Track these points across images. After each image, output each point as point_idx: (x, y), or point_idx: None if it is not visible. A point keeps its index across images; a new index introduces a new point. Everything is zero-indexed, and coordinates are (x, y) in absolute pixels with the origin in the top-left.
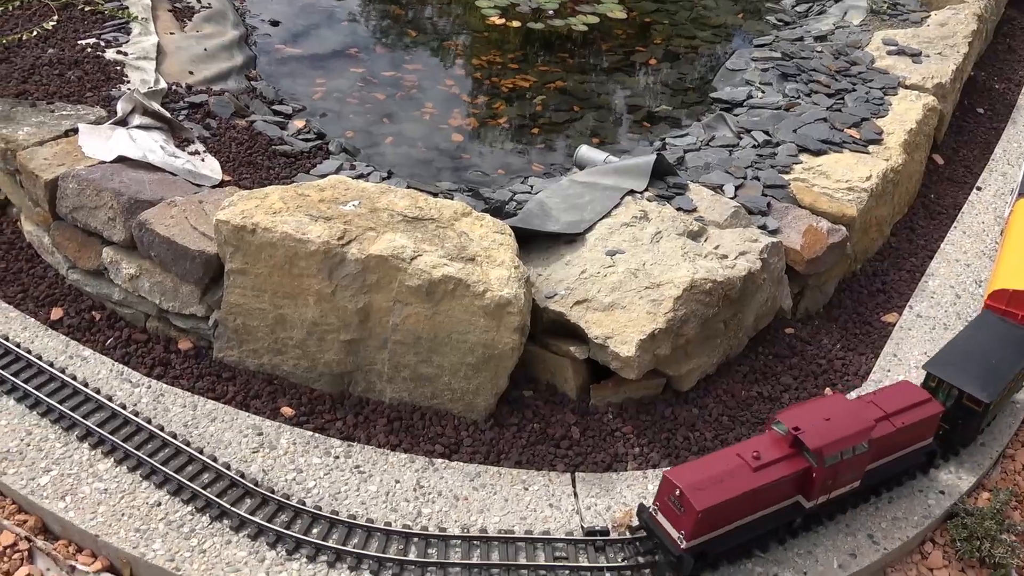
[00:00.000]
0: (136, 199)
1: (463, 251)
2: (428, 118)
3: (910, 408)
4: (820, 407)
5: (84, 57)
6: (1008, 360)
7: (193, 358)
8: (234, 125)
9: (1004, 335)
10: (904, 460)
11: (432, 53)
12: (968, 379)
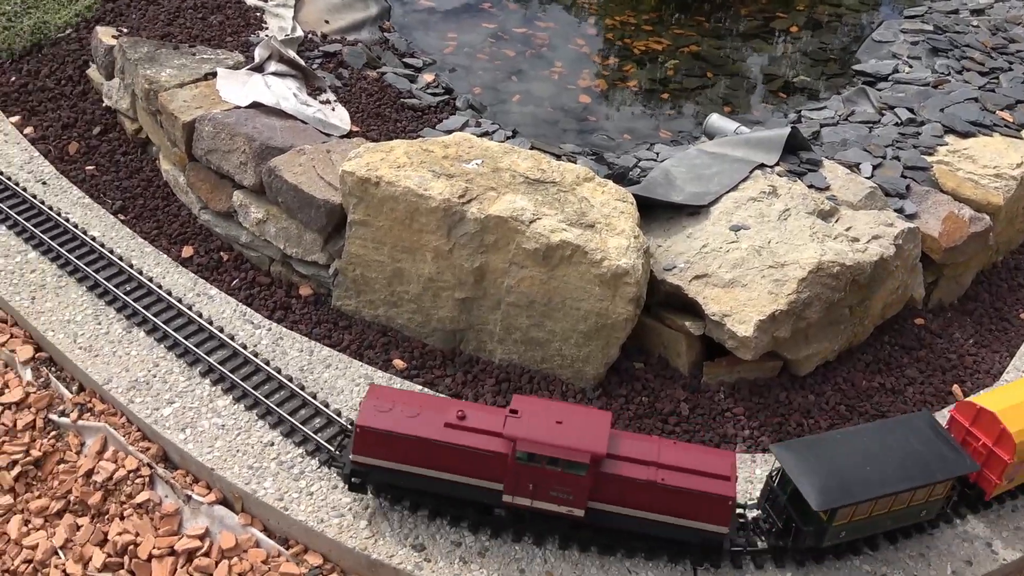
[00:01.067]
0: (267, 145)
1: (583, 217)
2: (556, 77)
3: (694, 474)
4: (566, 411)
5: (227, 2)
6: (894, 475)
7: (312, 304)
8: (365, 76)
9: (918, 446)
10: (676, 530)
11: (565, 10)
12: (812, 476)
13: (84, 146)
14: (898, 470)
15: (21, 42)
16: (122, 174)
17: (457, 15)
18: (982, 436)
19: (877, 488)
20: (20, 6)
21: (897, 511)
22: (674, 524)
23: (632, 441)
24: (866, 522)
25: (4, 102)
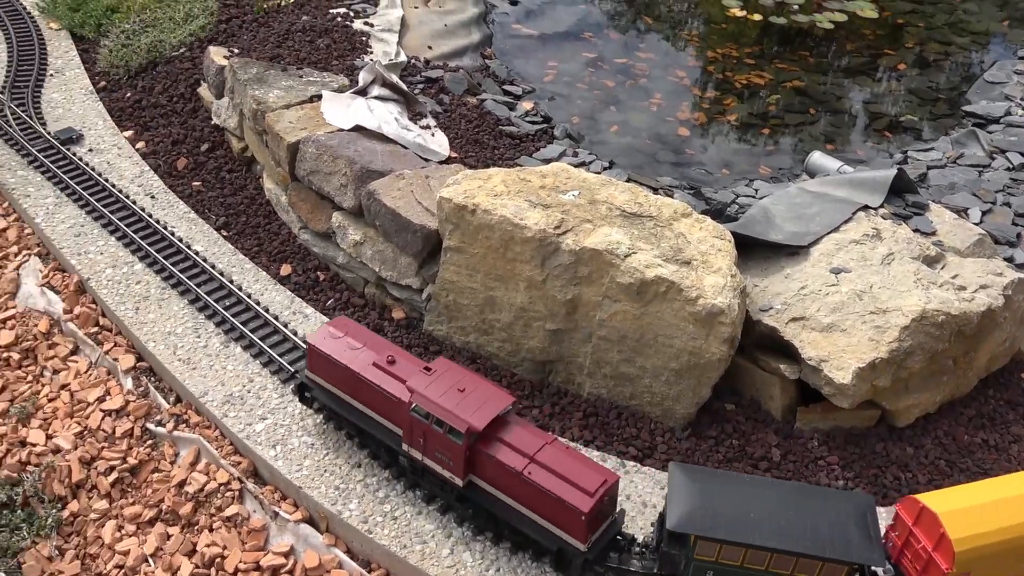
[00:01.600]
0: (368, 168)
1: (679, 253)
2: (655, 109)
3: (560, 478)
4: (474, 383)
5: (334, 26)
6: (778, 534)
7: (404, 328)
8: (465, 102)
9: (829, 520)
10: (539, 531)
11: (666, 42)
12: (687, 500)
13: (192, 162)
14: (787, 532)
15: (138, 59)
16: (227, 191)
17: (558, 43)
18: (923, 538)
19: (748, 536)
20: (139, 25)
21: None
22: (537, 524)
23: (524, 431)
24: (734, 574)
25: (119, 117)
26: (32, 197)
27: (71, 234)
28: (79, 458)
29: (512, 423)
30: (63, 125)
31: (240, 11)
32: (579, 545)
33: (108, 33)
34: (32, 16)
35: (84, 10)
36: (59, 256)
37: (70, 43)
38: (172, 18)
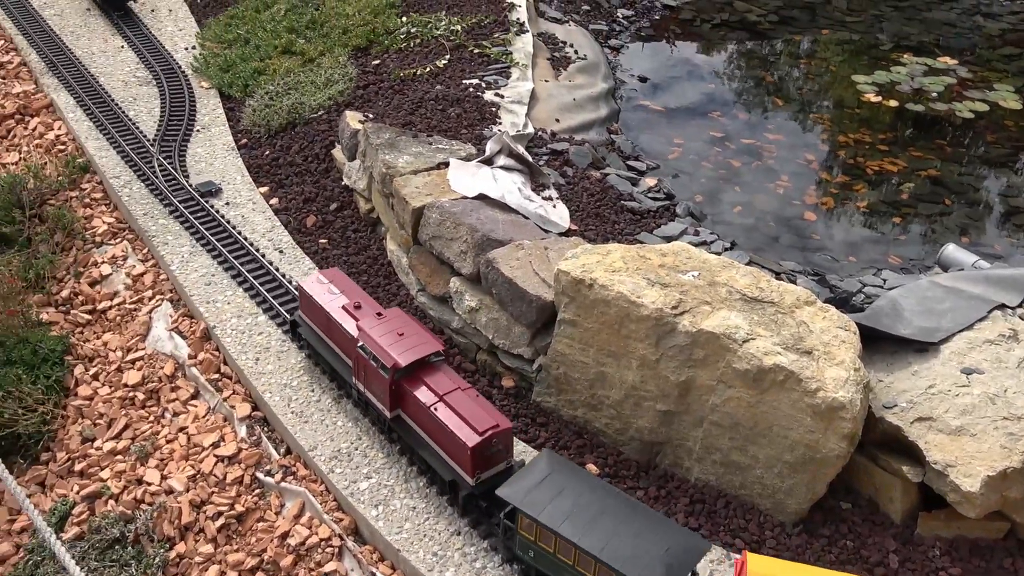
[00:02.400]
0: (488, 237)
1: (800, 342)
2: (781, 191)
3: (459, 417)
4: (413, 331)
5: (465, 96)
6: (592, 536)
7: (513, 397)
8: (588, 176)
9: (649, 542)
10: (442, 465)
11: (794, 123)
12: (531, 478)
13: (321, 220)
14: (599, 538)
15: (278, 119)
16: (351, 249)
17: (685, 120)
18: None
19: (559, 526)
20: (282, 87)
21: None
22: (440, 457)
23: (443, 376)
24: (549, 561)
25: (256, 173)
26: (170, 245)
27: (202, 282)
28: (190, 501)
29: (437, 369)
30: (204, 178)
31: (377, 78)
32: (468, 479)
33: (253, 94)
34: (186, 75)
35: (233, 71)
36: (189, 303)
37: (218, 101)
38: (313, 82)
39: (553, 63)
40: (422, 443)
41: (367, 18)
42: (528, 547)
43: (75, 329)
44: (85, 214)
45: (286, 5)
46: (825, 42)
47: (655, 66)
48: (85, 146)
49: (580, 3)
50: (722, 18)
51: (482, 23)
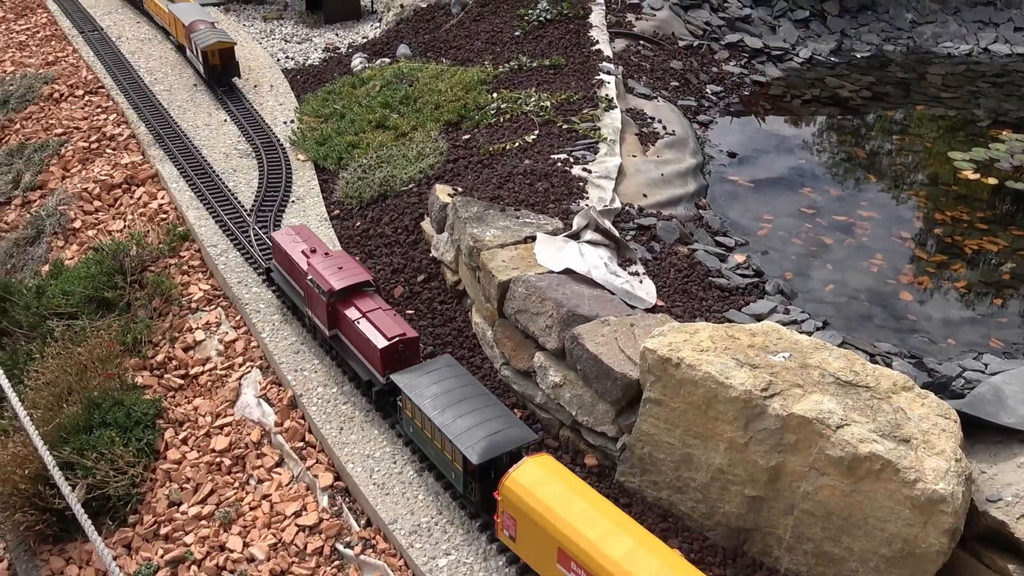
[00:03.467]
0: (574, 312)
1: (897, 429)
2: (875, 270)
3: (376, 328)
4: (350, 265)
5: (553, 170)
6: (449, 417)
7: (596, 476)
8: (676, 251)
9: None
10: (364, 368)
11: (889, 200)
12: (426, 371)
13: (408, 291)
14: (450, 417)
15: (370, 192)
16: (437, 321)
17: (774, 195)
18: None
19: (424, 403)
20: (375, 160)
21: (438, 455)
22: (362, 363)
23: (370, 300)
24: (418, 434)
25: (348, 244)
26: (262, 313)
27: (291, 351)
28: (270, 570)
29: (366, 295)
30: None
31: (467, 152)
32: (379, 377)
33: (347, 166)
34: (284, 148)
35: (328, 144)
36: (278, 370)
37: (313, 174)
38: (405, 155)
39: (641, 138)
40: (350, 353)
41: (459, 94)
42: (408, 423)
43: (168, 393)
44: (182, 281)
45: (381, 81)
46: (919, 118)
47: (744, 140)
48: (186, 215)
49: (669, 80)
50: (813, 94)
51: (571, 99)
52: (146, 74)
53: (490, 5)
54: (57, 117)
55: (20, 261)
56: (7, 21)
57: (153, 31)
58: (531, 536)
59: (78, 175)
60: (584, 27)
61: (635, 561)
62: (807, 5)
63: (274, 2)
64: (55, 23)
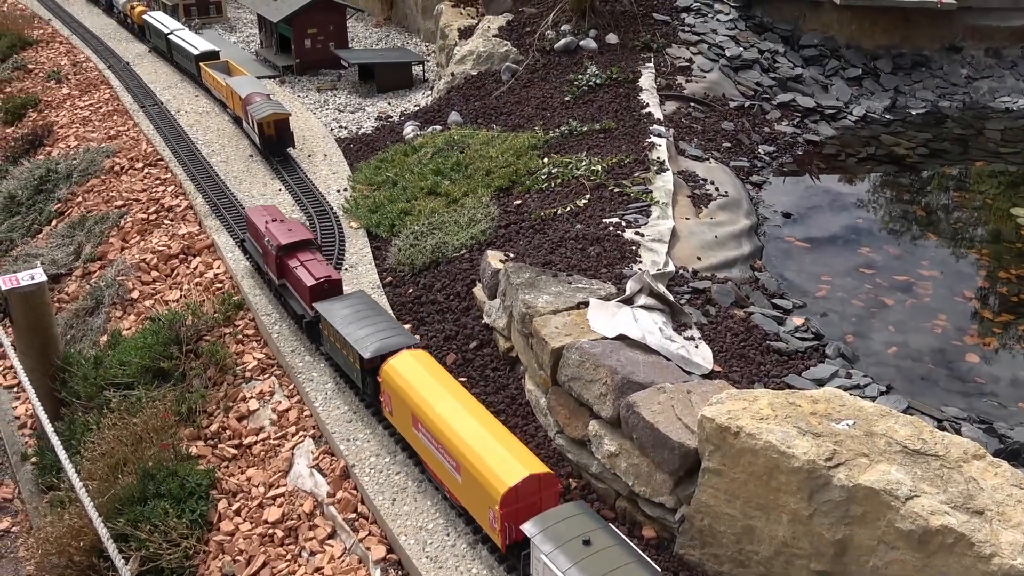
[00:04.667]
0: (629, 379)
1: (970, 501)
2: (939, 331)
3: (309, 273)
4: (299, 229)
5: (605, 235)
6: (353, 329)
7: (654, 548)
8: (732, 315)
9: (376, 330)
10: (300, 306)
11: (951, 258)
12: (345, 301)
13: (460, 358)
14: (353, 330)
15: (423, 259)
16: (489, 388)
17: (832, 256)
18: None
19: (335, 320)
20: (427, 227)
21: (345, 361)
22: (297, 299)
23: (308, 253)
24: (335, 349)
25: (400, 311)
26: (315, 381)
27: (343, 420)
28: None
29: (307, 250)
30: None
31: (519, 218)
32: (308, 310)
33: (399, 233)
34: (337, 216)
35: (381, 212)
36: (330, 440)
37: (365, 241)
38: (457, 222)
39: (694, 200)
40: (291, 294)
41: (509, 160)
42: (326, 341)
43: (221, 463)
44: (237, 350)
45: (433, 149)
46: (979, 174)
47: (798, 200)
48: (240, 285)
49: (720, 141)
50: (868, 152)
51: (622, 163)
52: (203, 146)
53: (540, 72)
54: (117, 189)
55: (79, 332)
56: (72, 98)
57: (211, 104)
58: (398, 408)
59: (136, 246)
60: (634, 90)
61: (457, 418)
62: (859, 63)
63: (328, 73)
64: (117, 98)
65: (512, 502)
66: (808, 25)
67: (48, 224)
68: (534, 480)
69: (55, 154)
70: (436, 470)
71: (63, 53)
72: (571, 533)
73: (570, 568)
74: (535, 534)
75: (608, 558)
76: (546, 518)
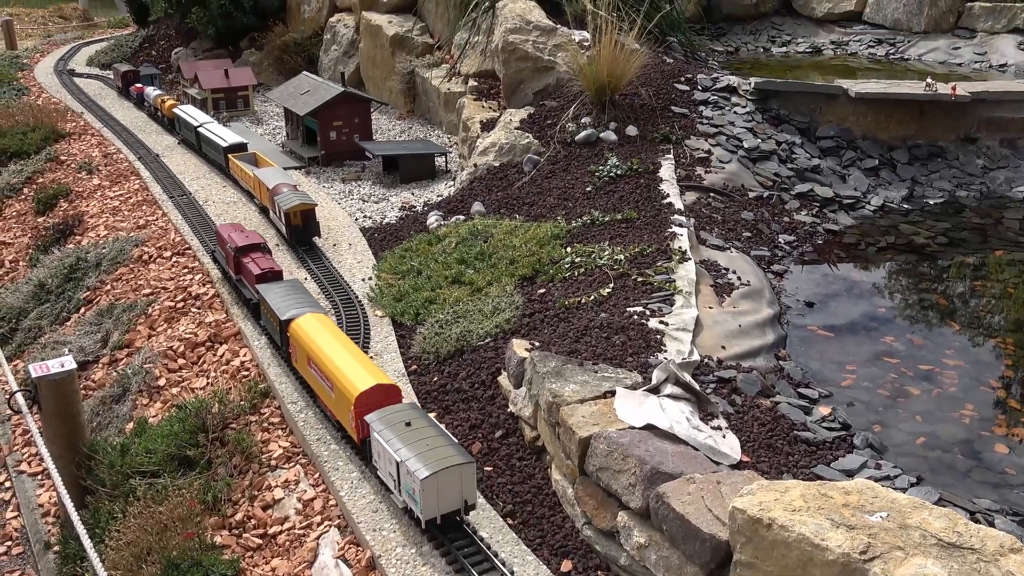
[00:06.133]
0: (658, 470)
1: None
2: (967, 422)
3: (255, 263)
4: (254, 237)
5: (630, 324)
6: (277, 300)
7: None
8: (758, 404)
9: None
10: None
11: (974, 347)
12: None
13: (486, 447)
14: (282, 304)
15: (447, 347)
16: (515, 478)
17: (855, 345)
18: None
19: (270, 297)
20: (452, 316)
21: (272, 328)
22: (248, 287)
23: (258, 253)
24: (269, 323)
25: (424, 399)
26: (340, 471)
27: (369, 509)
28: None
29: (259, 251)
30: None
31: (543, 306)
32: (255, 295)
33: (424, 322)
34: (362, 304)
35: (405, 300)
36: (356, 530)
37: (390, 329)
38: (481, 310)
39: (716, 290)
40: (244, 285)
41: (533, 249)
42: (263, 316)
43: (246, 553)
44: (263, 438)
45: (456, 238)
46: (998, 263)
47: (820, 289)
48: (267, 372)
49: (741, 230)
50: (888, 241)
51: (644, 252)
52: None
53: (561, 163)
54: (146, 278)
55: (106, 419)
56: (103, 188)
57: (238, 195)
58: (299, 354)
59: (164, 333)
60: (654, 181)
61: (333, 353)
62: (875, 154)
63: (352, 164)
64: (147, 189)
65: (363, 403)
66: (824, 117)
67: (77, 312)
68: (381, 388)
69: (85, 243)
70: (320, 393)
71: (95, 145)
72: (398, 420)
73: (392, 439)
74: (373, 421)
75: (421, 434)
76: (383, 412)
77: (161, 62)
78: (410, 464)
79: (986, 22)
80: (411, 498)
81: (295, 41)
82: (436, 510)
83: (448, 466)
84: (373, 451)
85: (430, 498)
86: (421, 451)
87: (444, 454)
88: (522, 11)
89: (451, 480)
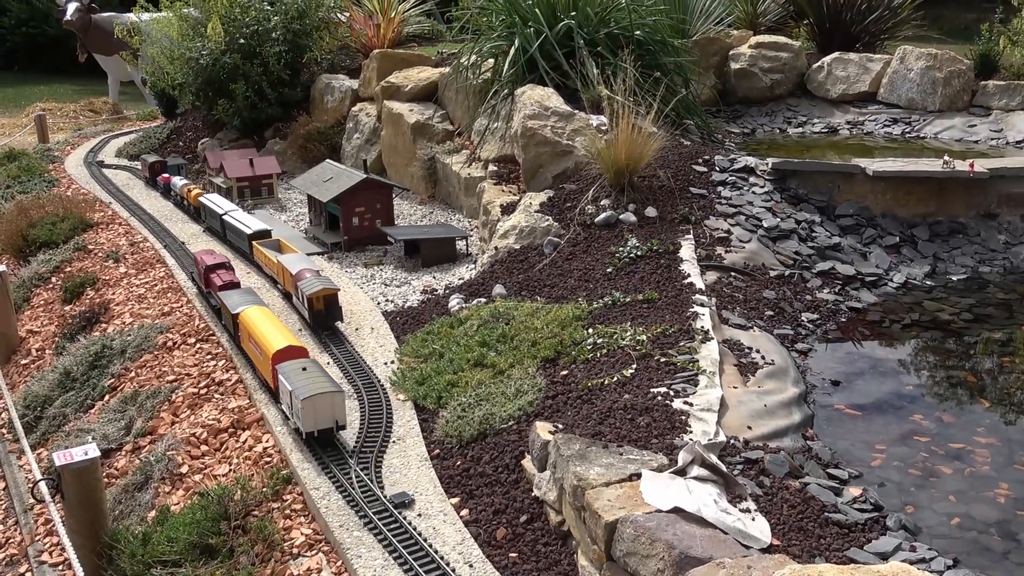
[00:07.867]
0: (686, 554)
1: None
2: (1003, 501)
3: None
4: (221, 260)
5: (654, 405)
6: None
7: None
8: (787, 486)
9: None
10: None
11: (1006, 425)
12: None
13: (511, 532)
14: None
15: (470, 430)
16: (541, 564)
17: (884, 424)
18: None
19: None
20: (474, 399)
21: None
22: (215, 297)
23: (223, 269)
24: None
25: (448, 484)
26: (363, 558)
27: None
28: None
29: (224, 269)
30: (398, 489)
31: (566, 388)
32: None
33: (446, 405)
34: (384, 388)
35: (428, 384)
36: None
37: (412, 413)
38: (504, 393)
39: (740, 369)
40: (214, 296)
41: (554, 331)
42: (224, 316)
43: None
44: (285, 525)
45: (478, 321)
46: None
47: (846, 368)
48: (289, 458)
49: (763, 309)
50: (912, 318)
51: (666, 332)
52: None
53: (581, 244)
54: (169, 364)
55: (128, 507)
56: (129, 276)
57: (262, 280)
58: (244, 335)
59: (187, 420)
60: (675, 261)
61: (263, 328)
62: (896, 231)
63: (374, 249)
64: (172, 276)
65: (278, 358)
66: (843, 196)
67: (101, 399)
68: (292, 348)
69: (111, 330)
70: (255, 360)
71: (122, 234)
72: (298, 368)
73: (290, 378)
74: (280, 367)
75: (311, 376)
76: (289, 363)
77: (188, 152)
78: (296, 391)
79: (1000, 100)
80: (297, 417)
81: (318, 130)
82: (314, 425)
83: (322, 391)
84: (280, 391)
85: (308, 416)
86: (306, 383)
87: (322, 386)
88: (540, 97)
89: (325, 404)
